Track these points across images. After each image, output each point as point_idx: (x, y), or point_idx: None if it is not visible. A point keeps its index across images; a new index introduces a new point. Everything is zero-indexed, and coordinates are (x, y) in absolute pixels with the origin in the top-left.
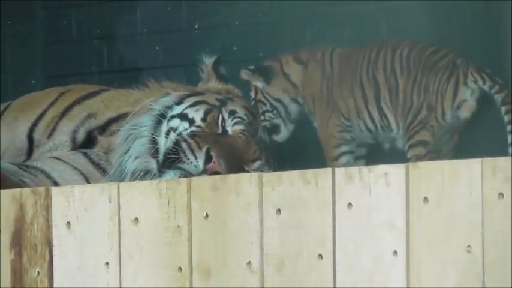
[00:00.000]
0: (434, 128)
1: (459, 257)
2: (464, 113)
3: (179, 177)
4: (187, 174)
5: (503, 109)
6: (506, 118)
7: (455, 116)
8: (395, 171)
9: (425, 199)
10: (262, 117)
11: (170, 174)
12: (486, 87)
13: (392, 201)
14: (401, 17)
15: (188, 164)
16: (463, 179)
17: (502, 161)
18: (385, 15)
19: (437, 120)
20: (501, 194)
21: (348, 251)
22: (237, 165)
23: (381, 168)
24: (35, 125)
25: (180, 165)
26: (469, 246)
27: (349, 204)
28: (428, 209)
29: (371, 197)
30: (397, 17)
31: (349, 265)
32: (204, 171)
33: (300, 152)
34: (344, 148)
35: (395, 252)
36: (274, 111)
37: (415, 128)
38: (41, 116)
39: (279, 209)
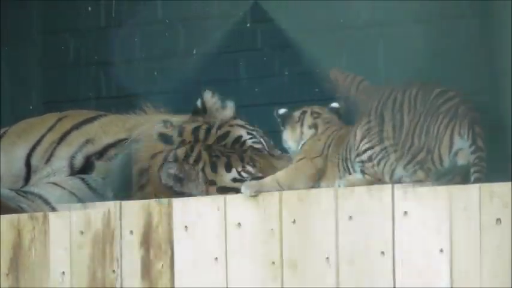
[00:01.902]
0: (431, 170)
1: (491, 254)
2: (461, 161)
3: None
4: None
5: (471, 169)
6: (472, 178)
7: (454, 162)
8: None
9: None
10: None
11: None
12: (467, 145)
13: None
14: (399, 41)
15: None
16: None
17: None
18: (383, 40)
19: (434, 164)
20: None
21: (403, 249)
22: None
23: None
24: (32, 150)
25: None
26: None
27: (405, 212)
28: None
29: (422, 207)
30: (395, 41)
31: (405, 260)
32: None
33: None
34: None
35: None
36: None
37: (413, 167)
38: (38, 142)
39: (350, 216)
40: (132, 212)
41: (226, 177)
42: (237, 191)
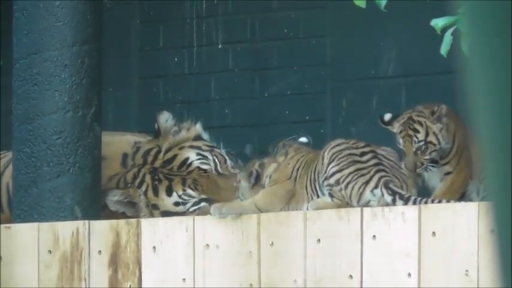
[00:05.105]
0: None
1: (459, 279)
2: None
3: None
4: None
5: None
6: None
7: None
8: (410, 210)
9: (433, 233)
10: (428, 156)
11: None
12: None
13: (407, 234)
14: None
15: None
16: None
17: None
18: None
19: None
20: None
21: (372, 273)
22: None
23: (399, 208)
24: None
25: None
26: (467, 270)
27: (374, 236)
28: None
29: (391, 230)
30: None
31: (373, 284)
32: None
33: None
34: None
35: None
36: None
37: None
38: None
39: (318, 239)
40: (101, 232)
41: (168, 202)
42: (180, 215)
